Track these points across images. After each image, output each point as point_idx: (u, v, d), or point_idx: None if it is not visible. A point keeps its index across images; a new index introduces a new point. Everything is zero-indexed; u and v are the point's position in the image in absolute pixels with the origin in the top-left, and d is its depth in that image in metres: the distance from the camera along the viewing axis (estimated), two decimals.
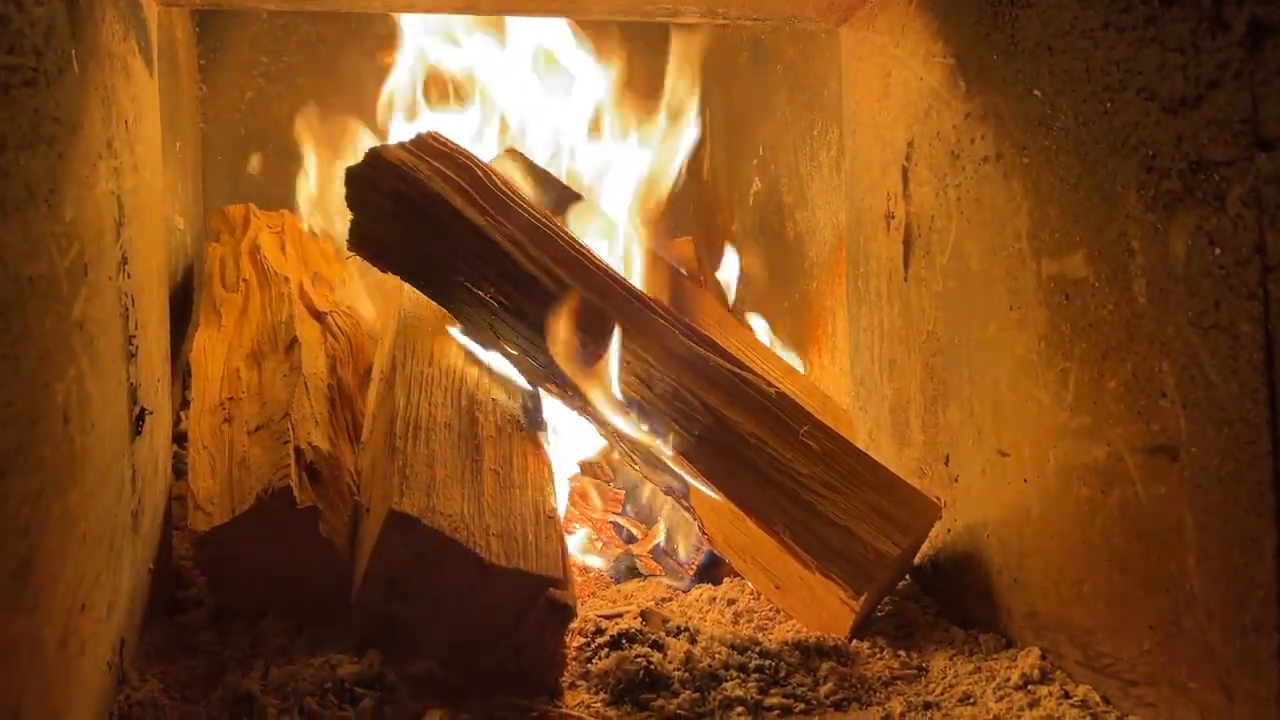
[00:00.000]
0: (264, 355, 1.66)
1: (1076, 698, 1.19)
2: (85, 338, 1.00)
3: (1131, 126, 1.09)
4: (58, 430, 0.92)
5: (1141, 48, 1.07)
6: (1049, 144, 1.23)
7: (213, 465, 1.43)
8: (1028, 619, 1.33)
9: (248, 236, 2.03)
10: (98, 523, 1.03)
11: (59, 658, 0.91)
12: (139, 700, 1.11)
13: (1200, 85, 1.00)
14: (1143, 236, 1.09)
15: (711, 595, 1.57)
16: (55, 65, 0.95)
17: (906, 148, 1.59)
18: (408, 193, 1.53)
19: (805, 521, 1.38)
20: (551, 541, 1.30)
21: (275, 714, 1.13)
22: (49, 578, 0.88)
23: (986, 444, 1.40)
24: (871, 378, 1.76)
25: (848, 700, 1.26)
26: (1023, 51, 1.27)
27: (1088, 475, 1.19)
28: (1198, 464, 1.03)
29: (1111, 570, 1.16)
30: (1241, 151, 0.96)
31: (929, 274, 1.54)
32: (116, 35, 1.19)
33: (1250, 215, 0.96)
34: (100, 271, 1.06)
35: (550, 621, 1.25)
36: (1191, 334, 1.03)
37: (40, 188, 0.90)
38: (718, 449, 1.43)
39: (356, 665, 1.20)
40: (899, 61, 1.61)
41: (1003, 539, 1.38)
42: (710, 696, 1.24)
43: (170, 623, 1.34)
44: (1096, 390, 1.17)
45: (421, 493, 1.27)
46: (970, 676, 1.29)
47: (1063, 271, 1.22)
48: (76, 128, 1.00)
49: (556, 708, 1.22)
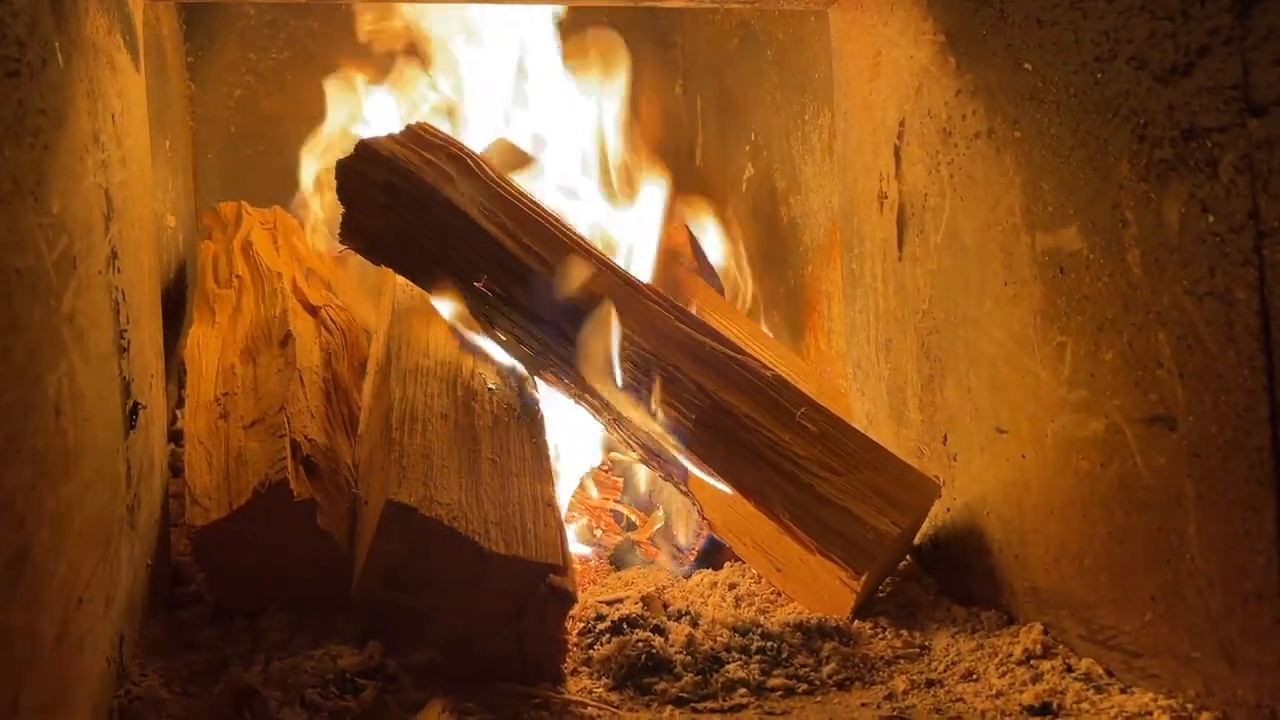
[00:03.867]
0: (258, 350, 1.65)
1: (1079, 671, 1.19)
2: (75, 331, 0.99)
3: (1122, 96, 1.09)
4: (50, 423, 0.91)
5: (1131, 17, 1.07)
6: (1040, 117, 1.23)
7: (209, 460, 1.43)
8: (1029, 595, 1.33)
9: (240, 233, 2.02)
10: (93, 517, 1.02)
11: (57, 652, 0.90)
12: (139, 695, 1.11)
13: (1190, 52, 1.00)
14: (1136, 207, 1.08)
15: (712, 580, 1.57)
16: (39, 57, 0.94)
17: (898, 127, 1.59)
18: (398, 184, 1.52)
19: (804, 503, 1.38)
20: (550, 529, 1.29)
21: (277, 706, 1.12)
22: (45, 571, 0.88)
23: (984, 421, 1.40)
24: (868, 359, 1.76)
25: (850, 680, 1.26)
26: (1012, 25, 1.27)
27: (1086, 448, 1.19)
28: (1196, 433, 1.03)
29: (1112, 543, 1.16)
30: (1233, 118, 0.96)
31: (923, 253, 1.54)
32: (101, 29, 1.19)
33: (1243, 181, 0.95)
34: (89, 265, 1.06)
35: (551, 608, 1.24)
36: (1187, 303, 1.03)
37: (26, 180, 0.89)
38: (715, 432, 1.43)
39: (358, 656, 1.20)
40: (889, 40, 1.60)
41: (1002, 516, 1.38)
42: (713, 679, 1.24)
43: (170, 619, 1.33)
44: (1093, 363, 1.17)
45: (419, 483, 1.27)
46: (973, 654, 1.29)
47: (1057, 245, 1.22)
48: (62, 120, 1.00)
49: (559, 694, 1.21)
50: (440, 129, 1.62)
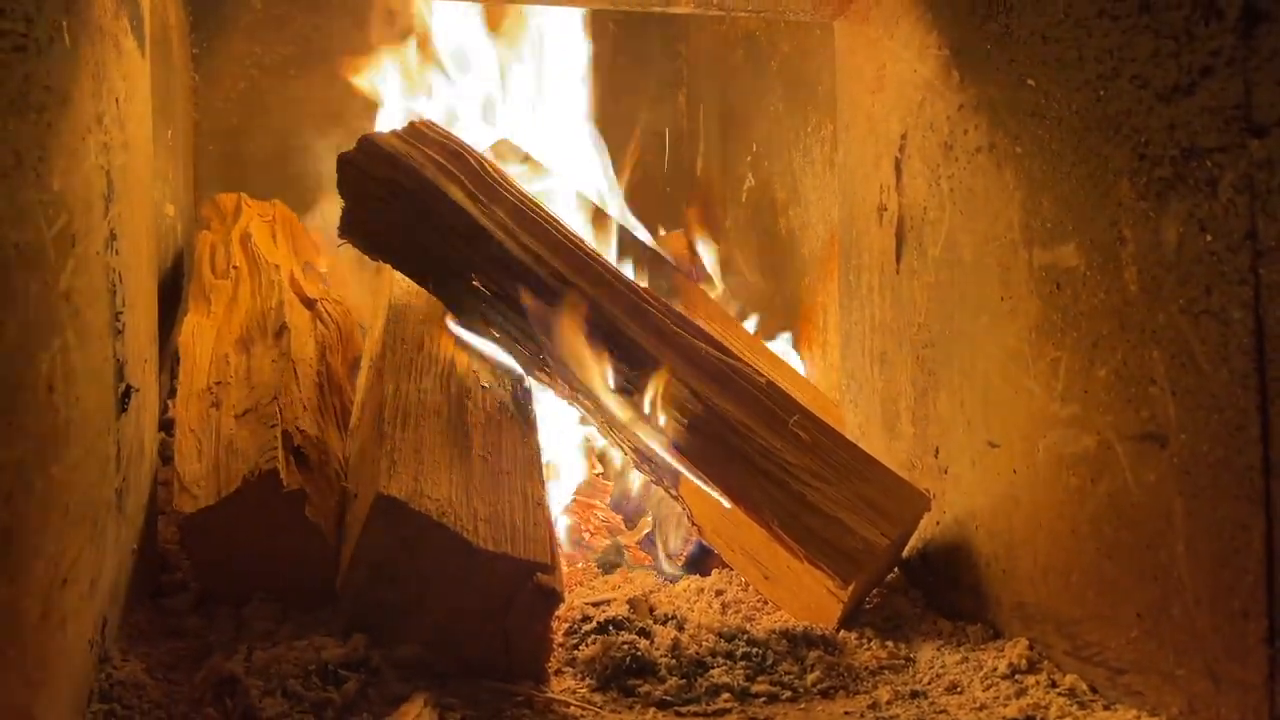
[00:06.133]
0: (253, 341, 1.65)
1: (1063, 686, 1.19)
2: (72, 310, 0.99)
3: (1124, 114, 1.10)
4: (42, 400, 0.91)
5: (1135, 35, 1.07)
6: (1042, 133, 1.23)
7: (199, 448, 1.42)
8: (1016, 610, 1.33)
9: (239, 225, 2.02)
10: (81, 498, 1.02)
11: (39, 631, 0.90)
12: (121, 679, 1.10)
13: (1193, 72, 1.01)
14: (1134, 224, 1.09)
15: (700, 586, 1.56)
16: (46, 34, 0.94)
17: (900, 140, 1.59)
18: (400, 180, 1.52)
19: (794, 511, 1.38)
20: (539, 527, 1.29)
21: (259, 695, 1.12)
22: (30, 549, 0.88)
23: (976, 435, 1.40)
24: (862, 371, 1.76)
25: (835, 689, 1.25)
26: (1017, 41, 1.28)
27: (1077, 464, 1.19)
28: (1187, 451, 1.03)
29: (1100, 559, 1.16)
30: (1234, 138, 0.97)
31: (921, 266, 1.54)
32: (108, 11, 1.19)
33: (1242, 201, 0.96)
34: (88, 245, 1.05)
35: (537, 607, 1.24)
36: (1182, 321, 1.03)
37: (29, 155, 0.89)
38: (708, 438, 1.43)
39: (342, 648, 1.19)
40: (893, 54, 1.61)
41: (992, 530, 1.38)
42: (697, 683, 1.23)
43: (154, 606, 1.33)
44: (1087, 379, 1.17)
45: (409, 477, 1.27)
46: (958, 666, 1.29)
47: (1055, 261, 1.22)
48: (66, 98, 1.00)
49: (542, 693, 1.21)
50: (442, 126, 1.63)
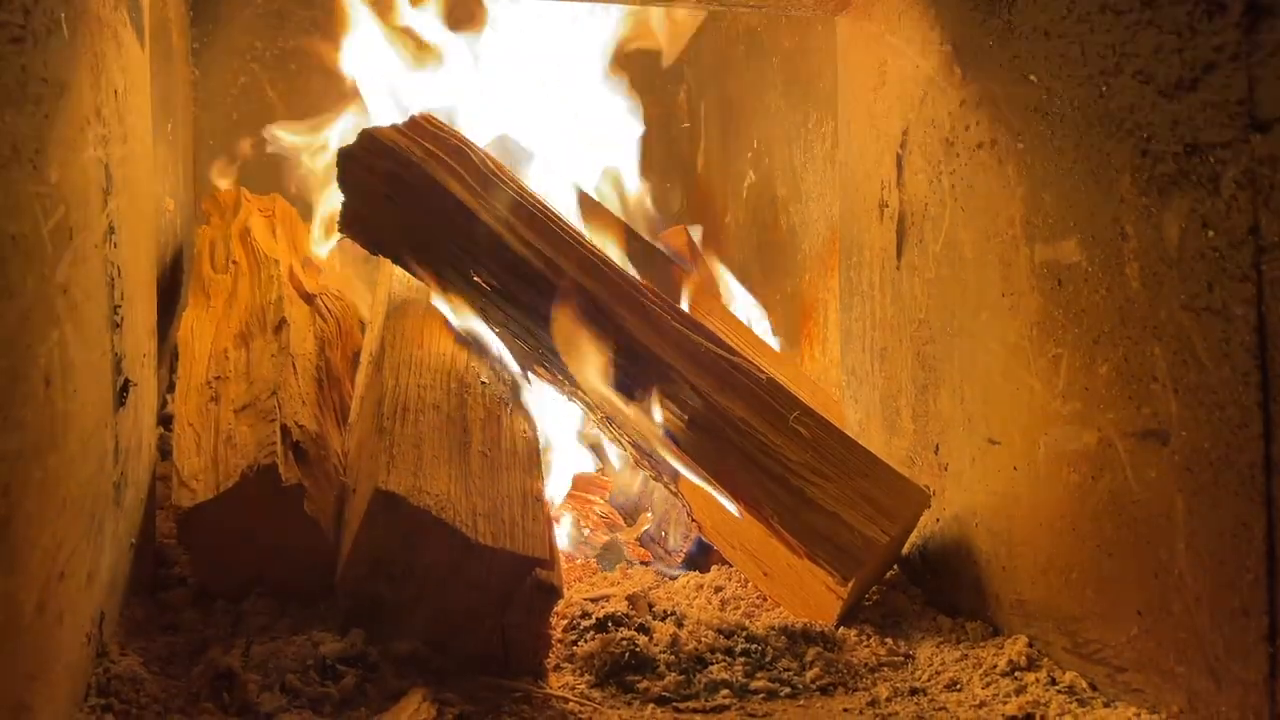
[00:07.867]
0: (252, 336, 1.64)
1: (1063, 684, 1.19)
2: (69, 303, 0.99)
3: (1127, 110, 1.09)
4: (39, 392, 0.90)
5: (1138, 31, 1.07)
6: (1044, 129, 1.23)
7: (198, 443, 1.42)
8: (1016, 607, 1.33)
9: (238, 219, 2.01)
10: (78, 490, 1.02)
11: (36, 623, 0.89)
12: (118, 673, 1.10)
13: (1196, 68, 1.00)
14: (1136, 221, 1.09)
15: (699, 582, 1.56)
16: (44, 25, 0.94)
17: (901, 136, 1.59)
18: (401, 174, 1.52)
19: (794, 507, 1.38)
20: (538, 523, 1.29)
21: (256, 690, 1.11)
22: (27, 540, 0.87)
23: (977, 432, 1.40)
24: (863, 367, 1.76)
25: (834, 685, 1.25)
26: (1019, 37, 1.27)
27: (1078, 461, 1.19)
28: (1188, 448, 1.03)
29: (1100, 556, 1.16)
30: (1237, 133, 0.96)
31: (922, 262, 1.54)
32: (107, 3, 1.18)
33: (1245, 197, 0.95)
34: (86, 238, 1.05)
35: (536, 603, 1.24)
36: (1184, 317, 1.03)
37: (26, 146, 0.88)
38: (707, 434, 1.42)
39: (339, 643, 1.19)
40: (895, 50, 1.60)
41: (992, 527, 1.38)
42: (696, 679, 1.23)
43: (152, 600, 1.32)
44: (1088, 375, 1.17)
45: (408, 472, 1.26)
46: (957, 664, 1.28)
47: (1056, 257, 1.22)
48: (64, 90, 0.99)
49: (541, 689, 1.21)
50: (444, 121, 1.62)
